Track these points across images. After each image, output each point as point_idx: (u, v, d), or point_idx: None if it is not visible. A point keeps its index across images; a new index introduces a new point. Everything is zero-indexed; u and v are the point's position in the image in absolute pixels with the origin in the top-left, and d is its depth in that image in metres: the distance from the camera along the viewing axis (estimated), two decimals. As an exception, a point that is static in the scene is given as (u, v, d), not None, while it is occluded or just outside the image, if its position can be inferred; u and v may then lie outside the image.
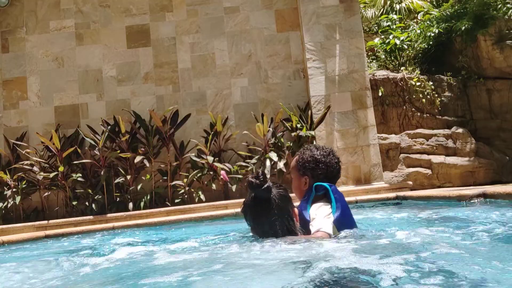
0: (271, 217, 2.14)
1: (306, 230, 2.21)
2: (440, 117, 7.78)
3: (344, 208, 2.21)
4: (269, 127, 6.80)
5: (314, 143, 6.73)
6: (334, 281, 1.44)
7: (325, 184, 2.29)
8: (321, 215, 2.20)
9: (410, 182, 6.54)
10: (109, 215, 6.22)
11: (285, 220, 2.16)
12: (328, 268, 1.53)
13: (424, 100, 7.66)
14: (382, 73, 7.88)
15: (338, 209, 2.18)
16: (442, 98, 7.83)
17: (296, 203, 2.34)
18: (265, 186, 2.15)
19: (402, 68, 8.02)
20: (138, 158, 6.55)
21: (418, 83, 7.71)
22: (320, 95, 6.92)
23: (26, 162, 6.78)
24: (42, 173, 6.60)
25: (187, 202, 6.59)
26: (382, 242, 1.99)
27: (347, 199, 2.33)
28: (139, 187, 6.78)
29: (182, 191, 6.66)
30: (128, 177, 6.64)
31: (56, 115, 7.30)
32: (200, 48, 7.42)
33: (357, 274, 1.49)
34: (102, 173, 6.59)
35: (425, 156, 7.10)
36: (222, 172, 6.47)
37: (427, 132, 7.33)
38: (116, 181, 6.68)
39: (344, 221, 2.18)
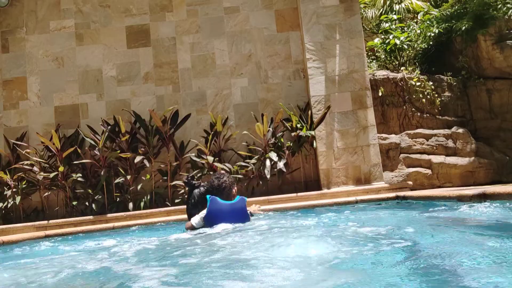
0: (188, 203, 3.75)
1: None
2: (440, 117, 7.77)
3: (212, 211, 3.45)
4: (269, 127, 6.80)
5: (314, 143, 6.73)
6: None
7: (207, 196, 3.54)
8: (200, 214, 3.54)
9: (410, 182, 6.54)
10: (109, 215, 6.22)
11: (193, 209, 3.63)
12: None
13: (424, 100, 7.65)
14: (382, 73, 7.87)
15: (207, 211, 3.47)
16: (442, 98, 7.82)
17: None
18: (191, 183, 3.76)
19: (402, 68, 8.01)
20: (138, 158, 6.55)
21: (418, 83, 7.70)
22: (320, 95, 6.92)
23: (26, 162, 6.78)
24: (42, 173, 6.60)
25: (187, 202, 6.59)
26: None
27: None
28: (139, 187, 6.79)
29: (182, 191, 6.66)
30: (128, 177, 6.64)
31: (56, 115, 7.30)
32: (200, 48, 7.42)
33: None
34: (102, 173, 6.59)
35: (425, 156, 7.09)
36: (222, 172, 6.46)
37: (427, 132, 7.33)
38: (116, 181, 6.68)
39: (209, 219, 3.44)
